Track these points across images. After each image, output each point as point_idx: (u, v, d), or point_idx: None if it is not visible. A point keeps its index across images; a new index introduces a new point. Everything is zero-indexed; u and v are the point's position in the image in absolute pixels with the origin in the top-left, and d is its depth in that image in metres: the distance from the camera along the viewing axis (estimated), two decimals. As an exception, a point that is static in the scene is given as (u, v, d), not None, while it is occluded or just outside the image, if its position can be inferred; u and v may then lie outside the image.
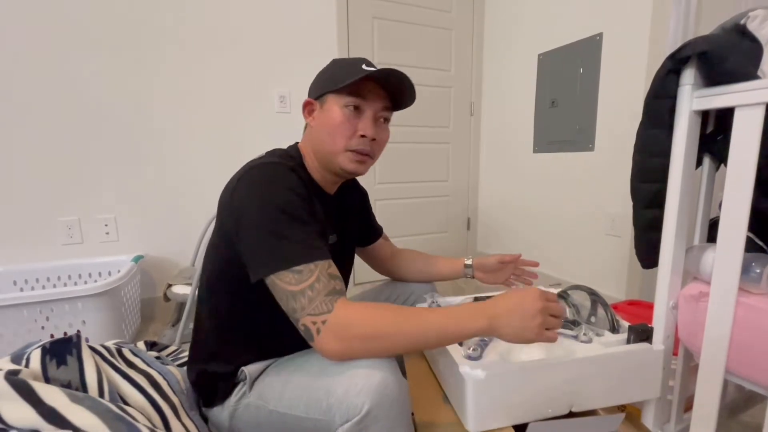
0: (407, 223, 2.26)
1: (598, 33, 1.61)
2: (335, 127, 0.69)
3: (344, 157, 0.70)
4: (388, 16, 2.04)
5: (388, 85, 0.70)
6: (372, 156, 0.73)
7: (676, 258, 0.68)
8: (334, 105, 0.69)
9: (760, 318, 0.58)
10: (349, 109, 0.69)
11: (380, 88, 0.70)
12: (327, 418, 0.55)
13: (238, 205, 0.62)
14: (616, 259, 1.62)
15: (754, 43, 0.61)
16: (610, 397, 0.67)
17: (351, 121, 0.69)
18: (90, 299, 1.23)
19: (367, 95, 0.69)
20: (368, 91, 0.69)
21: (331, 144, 0.70)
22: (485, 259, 0.95)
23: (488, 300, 0.58)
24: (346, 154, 0.70)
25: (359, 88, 0.68)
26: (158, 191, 1.69)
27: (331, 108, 0.69)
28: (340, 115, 0.68)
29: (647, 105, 0.68)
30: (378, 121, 0.72)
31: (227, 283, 0.68)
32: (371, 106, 0.70)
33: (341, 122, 0.68)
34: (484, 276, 0.95)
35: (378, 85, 0.69)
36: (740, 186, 0.58)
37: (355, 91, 0.68)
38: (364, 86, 0.68)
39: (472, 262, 0.95)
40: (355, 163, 0.71)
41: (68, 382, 0.59)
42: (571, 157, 1.79)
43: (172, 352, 0.95)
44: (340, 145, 0.69)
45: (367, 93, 0.69)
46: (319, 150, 0.72)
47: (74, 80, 1.52)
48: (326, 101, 0.70)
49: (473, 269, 0.95)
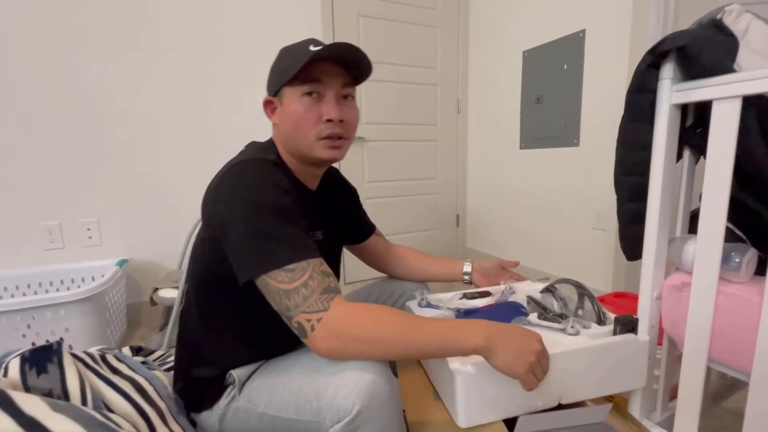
0: (397, 220, 2.26)
1: (581, 30, 1.63)
2: (300, 120, 0.66)
3: (317, 147, 0.68)
4: (374, 14, 2.03)
5: (341, 59, 0.66)
6: (346, 137, 0.70)
7: (659, 249, 0.70)
8: (291, 98, 0.66)
9: (740, 306, 0.59)
10: (308, 98, 0.65)
11: (334, 65, 0.66)
12: (318, 419, 0.54)
13: (222, 205, 0.60)
14: (602, 252, 1.65)
15: (730, 38, 0.62)
16: (597, 388, 0.68)
17: (313, 109, 0.66)
18: (73, 305, 1.20)
19: (322, 77, 0.65)
20: (323, 72, 0.65)
21: (300, 137, 0.67)
22: (486, 263, 0.94)
23: (489, 321, 0.58)
24: (319, 143, 0.67)
25: (313, 72, 0.64)
26: (142, 193, 1.65)
27: (290, 101, 0.66)
28: (301, 105, 0.65)
29: (628, 99, 0.69)
30: (341, 100, 0.68)
31: (215, 286, 0.66)
32: (330, 87, 0.66)
33: (304, 113, 0.66)
34: (482, 280, 0.95)
35: (331, 62, 0.66)
36: (719, 177, 0.60)
37: (310, 77, 0.65)
38: (317, 68, 0.64)
39: (472, 267, 0.95)
40: (330, 150, 0.68)
41: (49, 391, 0.57)
42: (556, 152, 1.81)
43: (159, 356, 0.94)
44: (310, 136, 0.67)
45: (322, 74, 0.65)
46: (291, 146, 0.70)
47: (53, 82, 1.47)
48: (284, 95, 0.67)
49: (472, 274, 0.95)
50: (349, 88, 0.69)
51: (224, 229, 0.59)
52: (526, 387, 0.56)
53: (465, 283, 0.96)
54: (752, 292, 0.59)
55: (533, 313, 0.78)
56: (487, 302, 0.85)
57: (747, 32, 0.62)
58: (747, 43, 0.62)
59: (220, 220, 0.60)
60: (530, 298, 0.84)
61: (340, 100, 0.68)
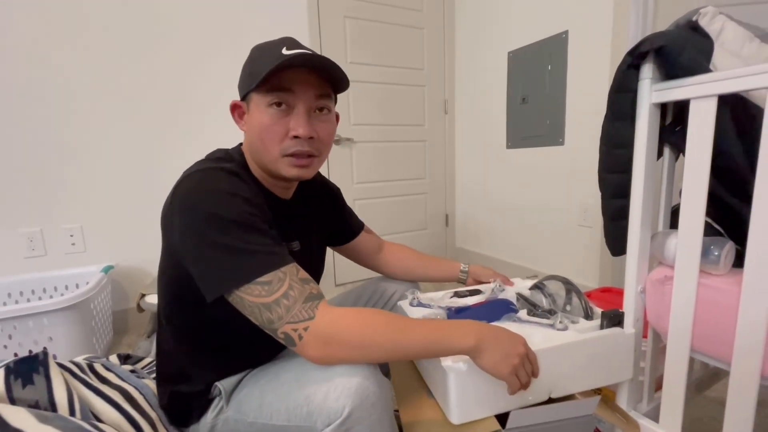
0: (386, 221, 2.27)
1: (564, 31, 1.66)
2: (263, 132, 0.59)
3: (282, 164, 0.61)
4: (360, 15, 2.04)
5: (315, 67, 0.59)
6: (317, 155, 0.63)
7: (643, 244, 0.72)
8: (258, 106, 0.60)
9: (720, 297, 0.62)
10: (275, 108, 0.59)
11: (308, 73, 0.59)
12: (309, 423, 0.54)
13: (177, 219, 0.55)
14: (588, 248, 1.68)
15: (705, 39, 0.64)
16: (586, 382, 0.69)
17: (280, 122, 0.59)
18: (57, 314, 1.17)
19: (293, 86, 0.58)
20: (294, 80, 0.58)
21: (264, 151, 0.61)
22: (481, 270, 0.95)
23: (478, 322, 0.59)
24: (284, 160, 0.61)
25: (282, 80, 0.57)
26: (127, 198, 1.62)
27: (255, 110, 0.60)
28: (266, 117, 0.59)
29: (610, 99, 0.71)
30: (314, 114, 0.62)
31: (186, 301, 0.62)
32: (301, 99, 0.59)
33: (269, 125, 0.59)
34: (473, 283, 0.96)
35: (305, 69, 0.58)
36: (697, 174, 0.62)
37: (278, 85, 0.58)
38: (287, 76, 0.57)
39: (468, 269, 0.96)
40: (296, 168, 0.62)
41: (36, 402, 0.56)
42: (542, 151, 1.84)
43: (148, 363, 0.92)
44: (274, 151, 0.60)
45: (293, 83, 0.58)
46: (257, 158, 0.64)
47: (34, 82, 1.44)
48: (251, 102, 0.61)
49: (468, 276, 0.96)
50: (324, 99, 0.62)
51: (184, 246, 0.56)
52: (509, 389, 0.57)
53: (460, 281, 0.97)
54: (731, 284, 0.61)
55: (522, 309, 0.79)
56: (478, 300, 0.86)
57: (721, 33, 0.64)
58: (721, 44, 0.64)
59: (178, 237, 0.56)
60: (519, 295, 0.85)
61: (313, 114, 0.62)
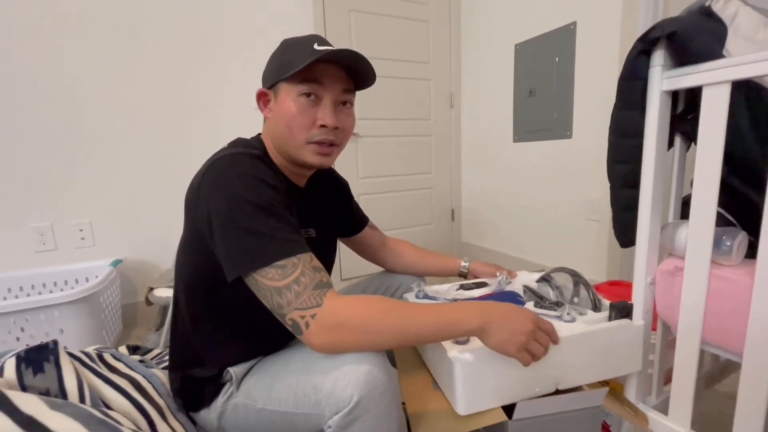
0: (392, 216, 2.27)
1: (572, 22, 1.64)
2: (292, 120, 0.63)
3: (307, 151, 0.65)
4: (365, 9, 2.03)
5: (345, 64, 0.64)
6: (338, 144, 0.68)
7: (652, 235, 0.71)
8: (287, 95, 0.63)
9: (732, 288, 0.60)
10: (304, 98, 0.62)
11: (337, 69, 0.64)
12: (317, 411, 0.55)
13: (206, 201, 0.58)
14: (596, 242, 1.66)
15: (718, 24, 0.63)
16: (594, 373, 0.69)
17: (308, 111, 0.63)
18: (67, 306, 1.19)
19: (323, 79, 0.63)
20: (324, 74, 0.62)
21: (290, 138, 0.64)
22: (482, 266, 0.95)
23: (484, 302, 0.59)
24: (309, 147, 0.65)
25: (313, 72, 0.61)
26: (135, 193, 1.64)
27: (285, 98, 0.63)
28: (296, 105, 0.62)
29: (620, 87, 0.70)
30: (339, 107, 0.66)
31: (204, 284, 0.65)
32: (329, 92, 0.64)
33: (297, 114, 0.62)
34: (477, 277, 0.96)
35: (334, 65, 0.63)
36: (710, 163, 0.60)
37: (310, 77, 0.62)
38: (318, 69, 0.61)
39: (468, 266, 0.95)
40: (319, 156, 0.65)
41: (46, 390, 0.57)
42: (550, 145, 1.82)
43: (157, 354, 0.93)
44: (300, 138, 0.64)
45: (323, 77, 0.62)
46: (280, 144, 0.67)
47: (44, 79, 1.45)
48: (279, 91, 0.64)
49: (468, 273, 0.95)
50: (348, 94, 0.67)
51: (209, 227, 0.58)
52: (522, 364, 0.57)
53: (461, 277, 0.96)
54: (743, 274, 0.60)
55: (530, 302, 0.79)
56: (484, 293, 0.85)
57: (735, 18, 0.62)
58: (735, 29, 0.62)
59: (205, 218, 0.58)
60: (526, 288, 0.85)
61: (338, 106, 0.66)
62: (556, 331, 0.60)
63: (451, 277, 0.96)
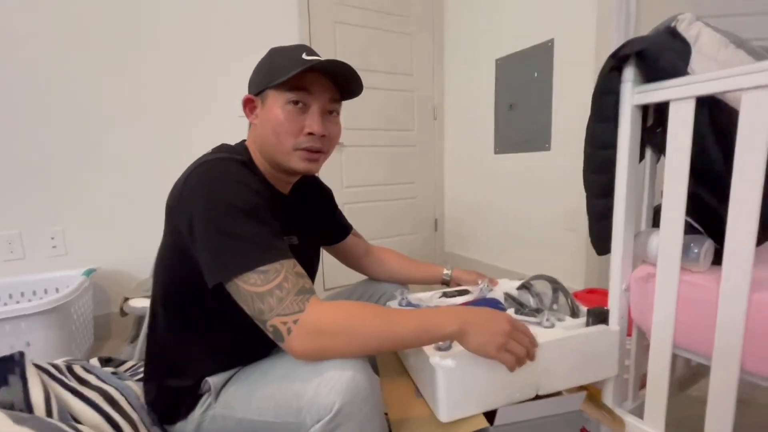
0: (376, 226, 2.27)
1: (550, 39, 1.70)
2: (279, 126, 0.64)
3: (294, 157, 0.66)
4: (350, 21, 2.06)
5: (333, 74, 0.65)
6: (325, 151, 0.69)
7: (626, 243, 0.73)
8: (275, 102, 0.64)
9: (700, 293, 0.63)
10: (292, 106, 0.63)
11: (325, 79, 0.65)
12: (298, 420, 0.54)
13: (188, 206, 0.57)
14: (575, 252, 1.71)
15: (683, 44, 0.66)
16: (573, 378, 0.70)
17: (296, 119, 0.64)
18: (34, 318, 1.13)
19: (311, 88, 0.64)
20: (313, 83, 0.64)
21: (277, 144, 0.65)
22: (464, 274, 0.96)
23: (461, 307, 0.59)
24: (296, 154, 0.65)
25: (302, 81, 0.62)
26: (110, 200, 1.59)
27: (273, 105, 0.64)
28: (284, 113, 0.63)
29: (594, 101, 0.73)
30: (326, 115, 0.67)
31: (183, 291, 0.63)
32: (317, 100, 0.65)
33: (285, 121, 0.63)
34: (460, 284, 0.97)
35: (322, 74, 0.64)
36: (677, 173, 0.64)
37: (298, 85, 0.63)
38: (307, 78, 0.63)
39: (451, 274, 0.97)
40: (306, 162, 0.66)
41: (11, 404, 0.54)
42: (529, 157, 1.87)
43: (131, 367, 0.90)
44: (288, 145, 0.65)
45: (312, 85, 0.64)
46: (266, 150, 0.67)
47: (16, 82, 1.41)
48: (267, 98, 0.65)
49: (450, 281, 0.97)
50: (335, 103, 0.69)
51: (191, 231, 0.57)
52: (507, 366, 0.57)
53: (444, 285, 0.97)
54: (710, 280, 0.63)
55: (510, 309, 0.80)
56: (466, 300, 0.86)
57: (698, 38, 0.67)
58: (699, 49, 0.66)
59: (187, 223, 0.57)
60: (507, 295, 0.86)
61: (325, 115, 0.67)
62: (530, 331, 0.61)
63: (434, 285, 0.97)
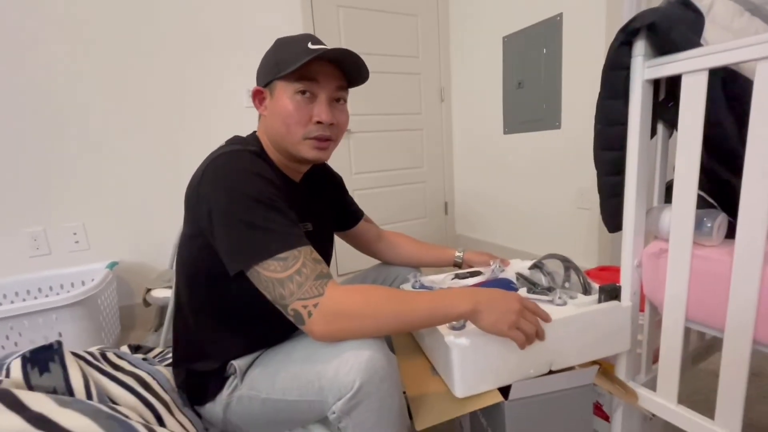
0: (385, 210, 2.28)
1: (558, 13, 1.66)
2: (289, 117, 0.65)
3: (303, 146, 0.67)
4: (353, 4, 2.03)
5: (339, 62, 0.66)
6: (334, 139, 0.70)
7: (638, 219, 0.73)
8: (283, 92, 0.65)
9: (713, 267, 0.63)
10: (300, 96, 0.65)
11: (332, 67, 0.66)
12: (320, 398, 0.57)
13: (206, 197, 0.60)
14: (587, 230, 1.70)
15: (696, 14, 0.65)
16: (585, 354, 0.71)
17: (305, 108, 0.65)
18: (65, 310, 1.19)
19: (318, 77, 0.65)
20: (319, 72, 0.65)
21: (287, 134, 0.67)
22: (476, 255, 0.98)
23: (473, 287, 0.61)
24: (306, 143, 0.67)
25: (309, 71, 0.64)
26: (128, 193, 1.64)
27: (281, 96, 0.65)
28: (292, 103, 0.65)
29: (604, 77, 0.72)
30: (333, 103, 0.69)
31: (205, 282, 0.66)
32: (324, 89, 0.66)
33: (294, 111, 0.65)
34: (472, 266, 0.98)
35: (329, 63, 0.66)
36: (690, 147, 0.63)
37: (305, 75, 0.64)
38: (314, 67, 0.64)
39: (463, 256, 0.98)
40: (315, 150, 0.68)
41: (53, 389, 0.58)
42: (539, 136, 1.85)
43: (159, 353, 0.94)
44: (297, 134, 0.66)
45: (318, 74, 0.65)
46: (277, 141, 0.69)
47: (34, 80, 1.44)
48: (275, 89, 0.66)
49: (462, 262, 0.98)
50: (342, 91, 0.70)
51: (211, 222, 0.59)
52: (518, 344, 0.59)
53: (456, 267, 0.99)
54: (723, 254, 0.63)
55: (522, 288, 0.81)
56: (478, 281, 0.88)
57: (712, 8, 0.65)
58: (712, 19, 0.64)
59: (206, 213, 0.59)
60: (519, 275, 0.87)
61: (333, 103, 0.68)
62: (541, 309, 0.63)
63: (446, 268, 0.99)
